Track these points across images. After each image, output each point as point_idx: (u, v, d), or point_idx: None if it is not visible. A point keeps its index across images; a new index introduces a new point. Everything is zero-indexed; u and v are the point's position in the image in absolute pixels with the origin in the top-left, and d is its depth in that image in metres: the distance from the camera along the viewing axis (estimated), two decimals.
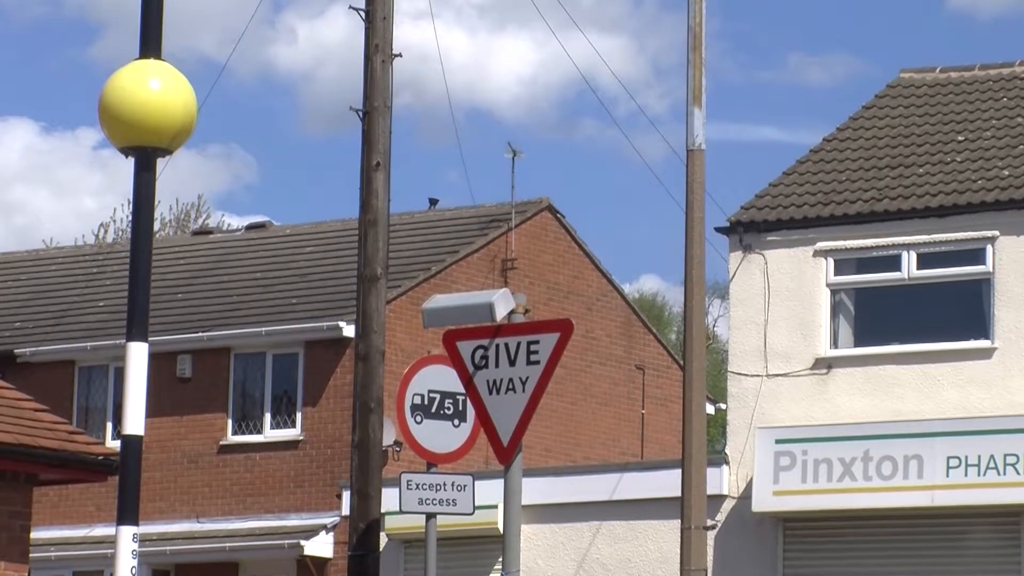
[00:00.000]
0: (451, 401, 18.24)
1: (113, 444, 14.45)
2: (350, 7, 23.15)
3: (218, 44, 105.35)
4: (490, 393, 12.86)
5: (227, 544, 37.95)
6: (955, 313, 31.62)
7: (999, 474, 30.25)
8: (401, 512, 20.90)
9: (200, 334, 38.92)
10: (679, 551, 20.17)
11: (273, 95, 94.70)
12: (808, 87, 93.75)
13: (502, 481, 13.20)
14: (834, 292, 32.31)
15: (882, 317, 32.17)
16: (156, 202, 10.75)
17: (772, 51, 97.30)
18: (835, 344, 32.13)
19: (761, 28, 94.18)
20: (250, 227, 48.53)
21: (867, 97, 36.04)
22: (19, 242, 57.54)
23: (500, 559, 14.67)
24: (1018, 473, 30.16)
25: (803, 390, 31.91)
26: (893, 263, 32.04)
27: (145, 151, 10.21)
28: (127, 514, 10.07)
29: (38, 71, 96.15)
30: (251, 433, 38.95)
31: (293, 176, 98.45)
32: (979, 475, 30.39)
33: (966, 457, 30.37)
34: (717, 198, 30.38)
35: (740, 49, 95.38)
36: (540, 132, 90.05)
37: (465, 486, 19.73)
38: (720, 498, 30.38)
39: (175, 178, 78.65)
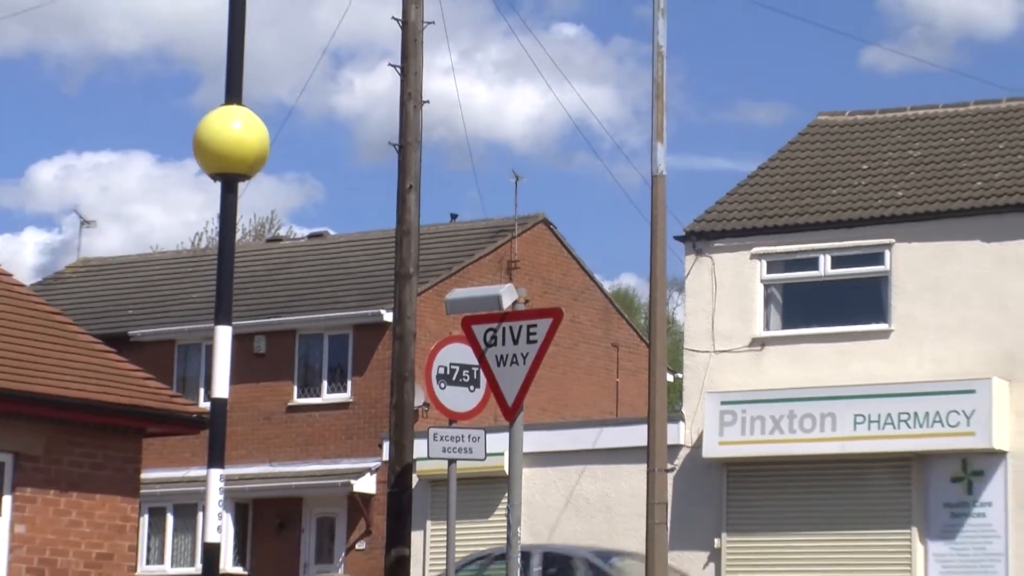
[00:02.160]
0: (467, 372, 18.21)
1: (204, 405, 14.36)
2: (389, 64, 23.13)
3: (291, 92, 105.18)
4: (498, 365, 12.84)
5: (293, 483, 37.93)
6: (860, 303, 31.53)
7: (894, 428, 30.20)
8: (428, 458, 20.85)
9: (272, 319, 38.91)
10: (645, 488, 20.11)
11: (335, 133, 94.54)
12: (751, 126, 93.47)
13: (507, 434, 13.17)
14: (766, 287, 32.25)
15: (804, 306, 32.07)
16: (238, 216, 10.75)
17: (724, 98, 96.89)
18: (767, 327, 32.06)
19: (716, 80, 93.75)
20: (312, 235, 48.53)
21: (793, 134, 36.00)
22: (135, 247, 57.40)
23: (506, 495, 14.63)
24: (909, 427, 30.09)
25: (742, 363, 31.87)
26: (812, 264, 31.99)
27: (228, 177, 10.19)
28: (215, 459, 10.07)
29: (153, 114, 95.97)
30: (311, 396, 38.90)
31: (349, 195, 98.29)
32: (879, 429, 30.33)
33: (868, 415, 30.29)
34: (676, 213, 30.23)
35: (698, 96, 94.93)
36: (543, 161, 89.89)
37: (479, 438, 19.72)
38: (677, 447, 30.30)
39: (258, 196, 78.72)
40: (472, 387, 18.41)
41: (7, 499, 16.26)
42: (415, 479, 23.43)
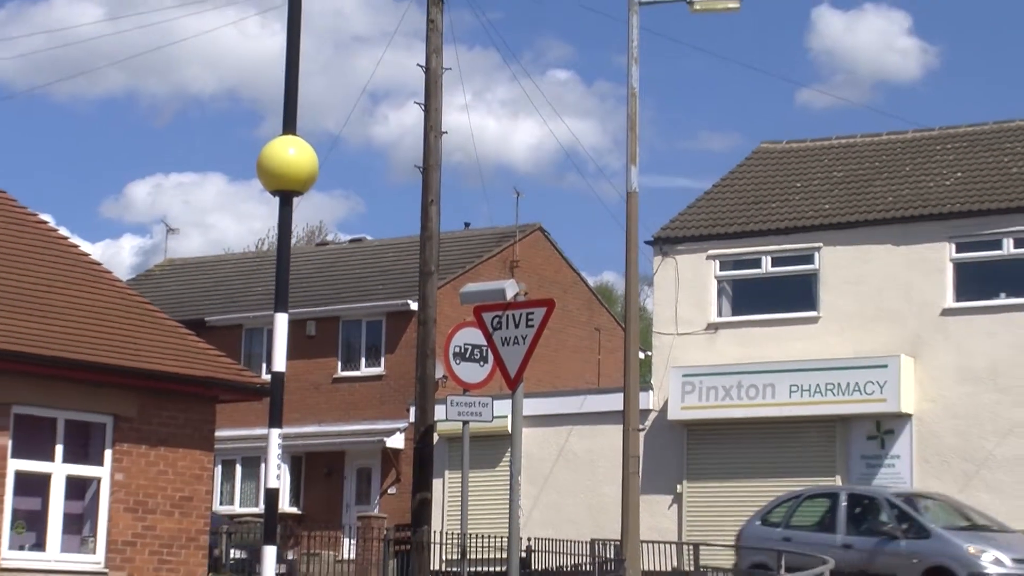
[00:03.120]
0: (478, 350, 18.24)
1: (265, 377, 14.49)
2: (415, 102, 23.12)
3: (337, 124, 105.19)
4: (503, 345, 12.82)
5: (337, 440, 37.95)
6: (794, 295, 31.50)
7: (822, 396, 30.22)
8: (447, 420, 20.89)
9: (320, 308, 38.89)
10: (622, 444, 20.11)
11: (372, 157, 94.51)
12: (707, 152, 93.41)
13: (510, 400, 13.15)
14: (719, 282, 32.21)
15: (749, 297, 32.03)
16: (293, 224, 10.71)
17: (686, 129, 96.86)
18: (720, 315, 32.02)
19: (679, 114, 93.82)
20: (352, 240, 48.45)
21: (740, 159, 35.98)
22: (211, 250, 57.41)
23: (509, 450, 14.61)
24: (834, 395, 30.09)
25: (700, 344, 31.83)
26: (756, 263, 31.98)
27: (285, 193, 10.18)
28: (274, 421, 10.07)
29: (225, 142, 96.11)
30: (352, 370, 38.87)
31: (383, 207, 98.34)
32: (809, 396, 30.33)
33: (801, 385, 30.29)
34: (647, 223, 30.33)
35: (665, 127, 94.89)
36: (540, 180, 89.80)
37: (487, 403, 19.74)
38: (647, 412, 30.25)
39: (309, 209, 78.79)
40: (482, 363, 18.42)
41: (108, 452, 16.24)
42: (436, 437, 23.43)
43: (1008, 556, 21.74)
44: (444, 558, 22.16)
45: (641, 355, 30.56)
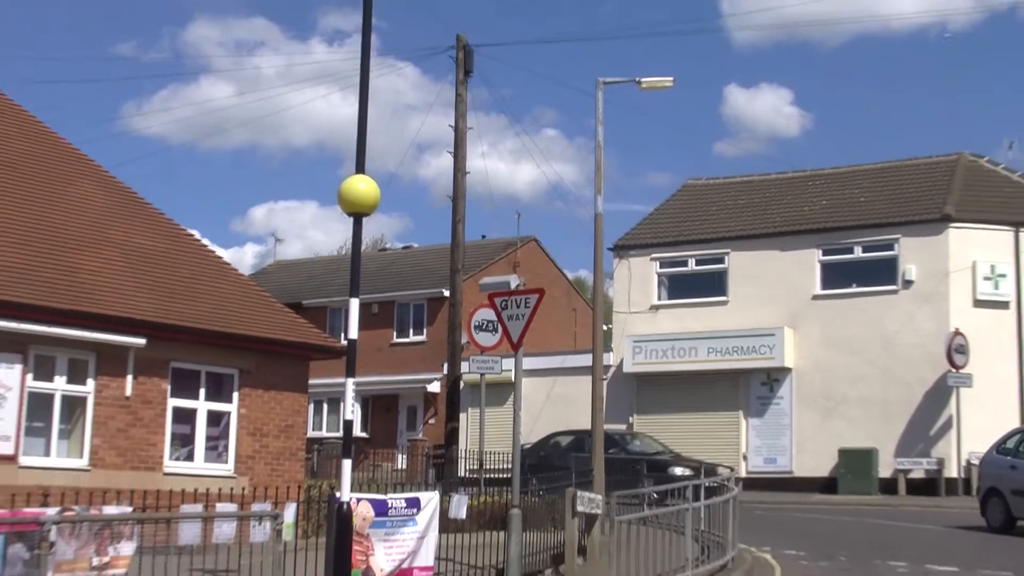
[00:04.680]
0: (491, 324, 18.15)
1: (343, 343, 14.78)
2: (447, 151, 23.14)
3: (395, 165, 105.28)
4: (508, 320, 12.84)
5: (393, 386, 37.98)
6: (711, 286, 31.57)
7: (730, 355, 30.33)
8: (469, 372, 20.94)
9: (381, 294, 38.92)
10: (591, 390, 20.12)
11: (419, 189, 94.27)
12: (652, 186, 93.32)
13: (513, 359, 13.20)
14: (659, 276, 32.29)
15: (679, 287, 32.09)
16: (363, 236, 10.72)
17: (637, 169, 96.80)
18: (659, 299, 32.10)
19: (633, 158, 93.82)
20: (404, 247, 48.54)
21: (674, 191, 35.99)
22: (307, 254, 57.44)
23: (512, 394, 14.63)
24: (738, 355, 30.18)
25: (646, 319, 31.91)
26: (684, 263, 32.06)
27: (357, 215, 10.16)
28: (350, 373, 10.06)
29: (318, 179, 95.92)
30: (404, 338, 38.89)
31: (425, 224, 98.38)
32: (721, 356, 30.40)
33: (716, 348, 30.38)
34: (609, 235, 30.54)
35: (623, 167, 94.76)
36: (535, 205, 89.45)
37: (498, 360, 19.74)
38: (609, 367, 30.32)
39: (375, 225, 78.69)
40: (494, 332, 18.38)
41: (235, 394, 16.30)
42: (461, 384, 23.44)
43: None
44: (467, 468, 22.19)
45: (604, 327, 30.68)
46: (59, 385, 14.48)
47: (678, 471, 23.99)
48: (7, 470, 13.62)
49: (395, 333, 39.25)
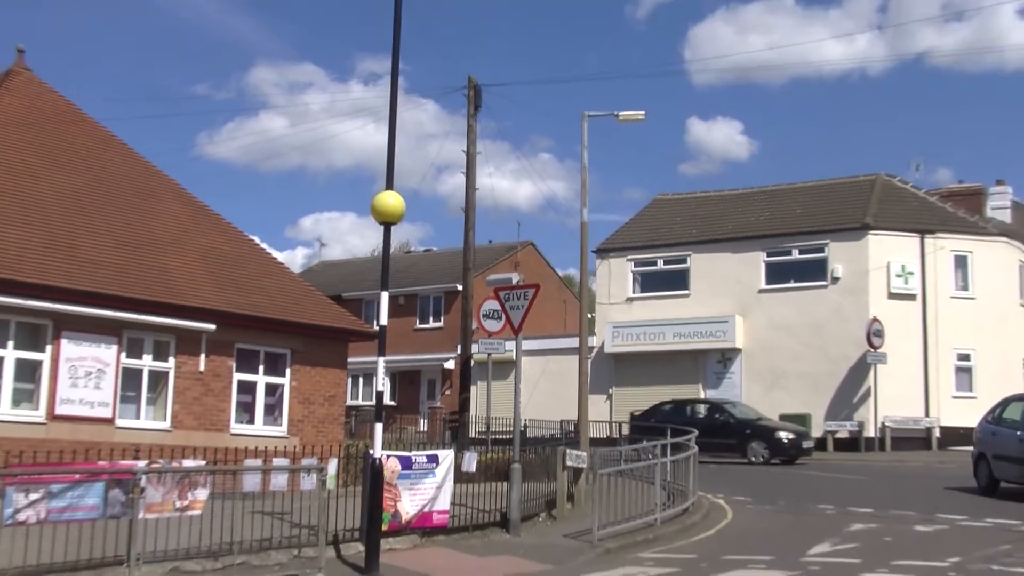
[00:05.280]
0: (496, 312, 18.17)
1: (375, 328, 14.73)
2: (460, 172, 23.08)
3: (418, 183, 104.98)
4: (511, 310, 12.85)
5: (416, 364, 37.98)
6: (676, 282, 31.55)
7: (692, 338, 30.21)
8: (478, 352, 20.98)
9: (406, 288, 38.94)
10: (578, 366, 20.10)
11: (437, 203, 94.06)
12: (628, 199, 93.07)
13: (514, 341, 13.23)
14: (633, 274, 32.26)
15: (650, 283, 32.07)
16: (392, 242, 10.73)
17: (616, 185, 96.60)
18: (633, 292, 32.08)
19: (612, 177, 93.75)
20: (425, 250, 48.47)
21: (645, 204, 35.83)
22: (345, 255, 57.35)
23: (513, 370, 14.63)
24: (698, 338, 30.14)
25: (623, 309, 31.90)
26: (654, 263, 32.01)
27: (387, 223, 10.18)
28: (381, 352, 10.08)
29: (356, 195, 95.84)
30: (424, 324, 38.91)
31: (443, 231, 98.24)
32: (684, 339, 30.30)
33: (680, 332, 30.35)
34: (593, 239, 30.61)
35: (605, 184, 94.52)
36: (533, 215, 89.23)
37: (502, 343, 19.76)
38: (592, 348, 30.39)
39: (402, 232, 78.38)
40: (499, 320, 18.39)
41: (288, 370, 16.31)
42: (472, 362, 23.48)
43: None
44: (477, 431, 22.23)
45: (589, 316, 30.76)
46: (146, 362, 14.56)
47: (782, 435, 23.35)
48: (106, 430, 13.74)
49: (417, 320, 39.26)
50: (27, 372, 13.33)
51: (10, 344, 13.18)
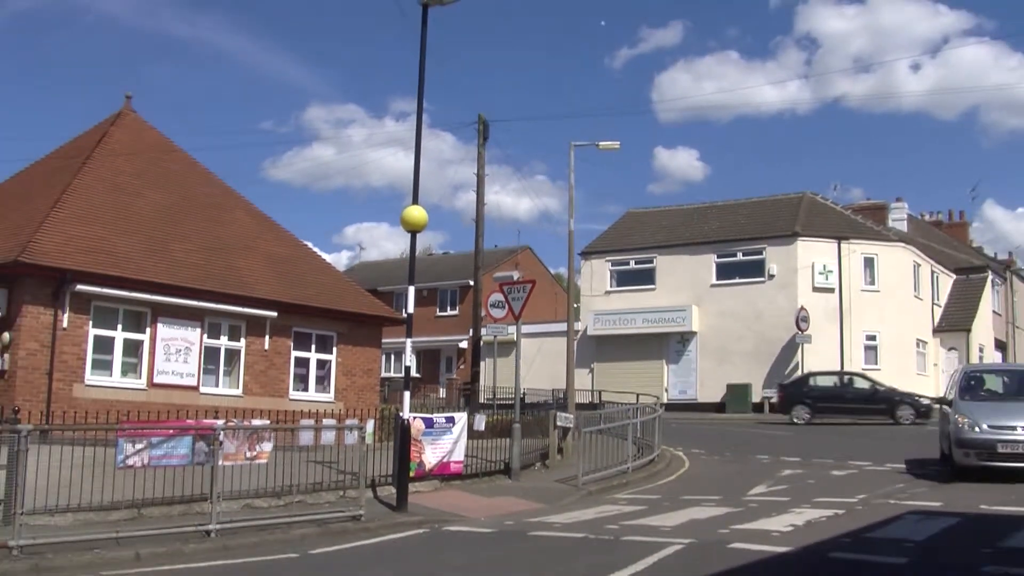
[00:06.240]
0: (502, 301, 18.06)
1: (404, 316, 14.53)
2: (472, 190, 22.98)
3: (438, 199, 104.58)
4: (512, 301, 12.86)
5: (437, 344, 37.80)
6: (645, 278, 31.38)
7: (657, 324, 30.19)
8: (486, 335, 20.91)
9: (428, 283, 38.83)
10: (566, 346, 20.03)
11: (454, 215, 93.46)
12: (607, 212, 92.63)
13: (515, 326, 13.24)
14: (611, 272, 32.08)
15: (625, 279, 31.85)
16: (417, 246, 10.72)
17: (598, 200, 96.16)
18: (611, 287, 31.98)
19: (596, 193, 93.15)
20: (443, 253, 48.25)
21: (620, 216, 35.61)
22: (380, 257, 57.11)
23: (515, 349, 14.67)
24: (663, 323, 30.10)
25: (603, 300, 31.76)
26: (628, 264, 31.78)
27: (413, 232, 10.17)
28: (408, 334, 10.05)
29: (389, 209, 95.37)
30: (443, 312, 38.81)
31: (457, 237, 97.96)
32: (651, 324, 30.30)
33: (648, 319, 30.23)
34: (579, 244, 30.49)
35: (589, 199, 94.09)
36: (531, 225, 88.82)
37: (508, 326, 19.60)
38: (578, 331, 30.14)
39: (424, 238, 77.67)
40: (503, 308, 18.33)
41: (335, 348, 16.35)
42: (481, 343, 23.45)
43: None
44: (484, 398, 22.21)
45: (575, 305, 30.65)
46: (223, 342, 14.71)
47: (924, 401, 21.58)
48: (192, 395, 13.97)
49: (438, 309, 39.16)
50: (132, 349, 13.67)
51: (119, 327, 13.53)
